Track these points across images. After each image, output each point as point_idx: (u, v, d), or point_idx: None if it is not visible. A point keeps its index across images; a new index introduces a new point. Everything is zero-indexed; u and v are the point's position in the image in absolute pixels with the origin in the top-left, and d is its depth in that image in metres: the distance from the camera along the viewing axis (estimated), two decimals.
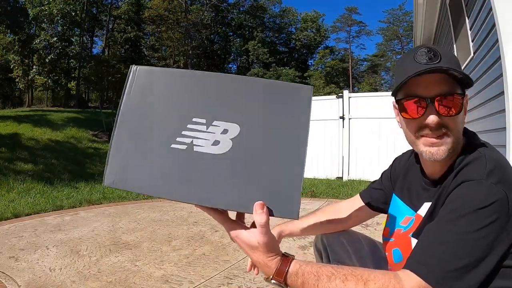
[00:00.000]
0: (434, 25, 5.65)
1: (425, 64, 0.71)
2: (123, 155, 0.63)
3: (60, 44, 22.67)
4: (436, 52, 0.72)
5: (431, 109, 0.71)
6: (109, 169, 0.63)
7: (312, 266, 0.64)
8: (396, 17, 38.83)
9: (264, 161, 0.58)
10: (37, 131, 10.28)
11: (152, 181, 0.61)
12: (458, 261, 0.60)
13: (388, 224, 0.93)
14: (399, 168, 0.97)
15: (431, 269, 0.61)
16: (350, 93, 6.98)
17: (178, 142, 0.61)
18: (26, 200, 4.62)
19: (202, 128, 0.60)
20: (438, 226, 0.66)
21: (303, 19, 39.83)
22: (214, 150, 0.59)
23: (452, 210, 0.65)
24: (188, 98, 0.61)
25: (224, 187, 0.59)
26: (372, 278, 0.61)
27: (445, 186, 0.72)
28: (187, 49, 30.00)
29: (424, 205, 0.80)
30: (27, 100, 24.93)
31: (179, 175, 0.60)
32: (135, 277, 2.16)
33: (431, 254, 0.63)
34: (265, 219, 0.61)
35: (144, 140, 0.62)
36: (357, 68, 42.88)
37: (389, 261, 0.89)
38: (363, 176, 6.49)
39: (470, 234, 0.61)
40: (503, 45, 2.04)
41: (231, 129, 0.59)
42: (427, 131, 0.73)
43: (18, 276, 2.18)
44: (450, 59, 0.72)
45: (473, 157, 0.71)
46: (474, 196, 0.64)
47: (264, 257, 0.64)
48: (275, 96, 0.59)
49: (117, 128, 0.64)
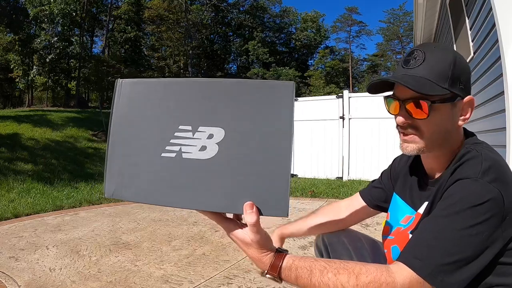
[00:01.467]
0: (434, 25, 5.65)
1: (402, 67, 0.78)
2: (118, 169, 0.66)
3: (60, 44, 22.68)
4: (420, 56, 0.76)
5: (402, 110, 0.77)
6: (107, 183, 0.66)
7: (305, 261, 0.66)
8: (397, 17, 38.84)
9: (251, 162, 0.59)
10: (37, 131, 10.28)
11: (148, 190, 0.65)
12: (451, 256, 0.62)
13: (388, 223, 0.94)
14: (399, 168, 0.98)
15: (423, 262, 0.62)
16: (350, 93, 6.98)
17: (167, 151, 0.63)
18: (26, 200, 4.62)
19: (189, 135, 0.62)
20: (432, 221, 0.67)
21: (303, 19, 39.84)
22: (202, 156, 0.61)
23: (447, 206, 0.66)
24: (174, 106, 0.63)
25: (214, 191, 0.61)
26: (364, 271, 0.63)
27: (442, 183, 0.74)
28: (187, 49, 30.00)
29: (425, 204, 0.81)
30: (27, 100, 24.94)
31: (171, 183, 0.63)
32: (135, 277, 2.16)
33: (424, 248, 0.64)
34: (255, 218, 0.63)
35: (136, 152, 0.65)
36: (357, 68, 42.88)
37: (387, 258, 0.90)
38: (363, 176, 6.49)
39: (464, 230, 0.62)
40: (503, 45, 2.04)
41: (216, 133, 0.60)
42: (400, 129, 0.80)
43: (18, 276, 2.18)
44: (433, 65, 0.75)
45: (470, 156, 0.72)
46: (469, 193, 0.65)
47: (258, 253, 0.67)
48: (257, 95, 0.59)
49: (110, 143, 0.67)
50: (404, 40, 38.37)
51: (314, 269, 0.65)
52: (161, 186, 0.63)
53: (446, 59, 0.75)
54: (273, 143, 0.58)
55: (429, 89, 0.72)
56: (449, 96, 0.75)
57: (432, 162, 0.82)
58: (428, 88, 0.73)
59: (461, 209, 0.64)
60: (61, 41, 22.78)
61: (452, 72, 0.74)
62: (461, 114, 0.78)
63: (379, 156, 6.35)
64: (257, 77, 33.49)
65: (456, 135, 0.80)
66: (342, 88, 30.22)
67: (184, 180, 0.62)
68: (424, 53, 0.76)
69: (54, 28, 23.09)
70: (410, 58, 0.77)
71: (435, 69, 0.74)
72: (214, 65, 36.73)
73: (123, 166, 0.66)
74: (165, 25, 30.22)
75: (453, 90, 0.75)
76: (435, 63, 0.75)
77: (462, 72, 0.76)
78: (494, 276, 0.67)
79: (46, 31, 22.88)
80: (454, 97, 0.75)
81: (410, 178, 0.91)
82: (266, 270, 0.67)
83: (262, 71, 33.69)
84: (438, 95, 0.73)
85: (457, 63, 0.75)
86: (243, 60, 39.19)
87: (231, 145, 0.59)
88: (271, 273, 0.67)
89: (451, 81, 0.74)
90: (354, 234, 1.10)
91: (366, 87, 0.85)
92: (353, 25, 42.23)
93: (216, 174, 0.60)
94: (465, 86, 0.77)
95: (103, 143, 10.71)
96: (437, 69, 0.74)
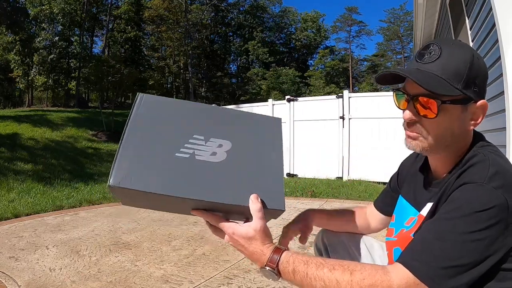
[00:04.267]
0: (434, 25, 5.65)
1: (415, 61, 0.75)
2: (130, 159, 0.69)
3: (60, 44, 22.67)
4: (436, 51, 0.72)
5: (410, 106, 0.74)
6: (116, 170, 0.67)
7: (303, 255, 0.70)
8: (397, 16, 38.81)
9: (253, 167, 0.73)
10: (37, 131, 10.29)
11: (158, 181, 0.68)
12: (451, 260, 0.61)
13: (392, 225, 0.93)
14: (405, 170, 0.97)
15: (422, 264, 0.62)
16: (350, 93, 6.98)
17: (181, 152, 0.71)
18: (26, 200, 4.62)
19: (201, 143, 0.72)
20: (434, 224, 0.66)
21: (303, 19, 39.83)
22: (213, 159, 0.71)
23: (450, 210, 0.65)
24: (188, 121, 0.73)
25: (223, 186, 0.70)
26: (359, 268, 0.64)
27: (447, 186, 0.72)
28: (187, 49, 29.99)
29: (427, 205, 0.80)
30: (27, 100, 24.91)
31: (183, 176, 0.69)
32: (135, 277, 2.16)
33: (425, 250, 0.63)
34: (260, 205, 0.71)
35: (150, 149, 0.70)
36: (357, 68, 42.88)
37: (389, 259, 0.90)
38: (363, 176, 6.48)
39: (467, 235, 0.61)
40: (503, 45, 2.04)
41: (225, 144, 0.72)
42: (406, 125, 0.77)
43: (18, 276, 2.18)
44: (449, 62, 0.70)
45: (477, 160, 0.70)
46: (474, 198, 0.63)
47: (261, 245, 0.71)
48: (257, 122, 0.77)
49: (125, 137, 0.71)
50: (404, 40, 38.37)
51: (310, 263, 0.67)
52: (173, 177, 0.68)
53: (463, 57, 0.71)
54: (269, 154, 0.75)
55: (441, 89, 0.69)
56: (461, 98, 0.71)
57: (437, 163, 0.80)
58: (440, 87, 0.69)
59: (464, 213, 0.62)
60: (61, 41, 22.77)
61: (468, 72, 0.70)
62: (471, 118, 0.74)
63: (379, 156, 6.34)
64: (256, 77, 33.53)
65: (464, 138, 0.76)
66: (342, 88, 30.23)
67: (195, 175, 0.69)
68: (440, 48, 0.72)
69: (54, 27, 23.09)
70: (425, 52, 0.73)
71: (450, 67, 0.70)
72: (214, 65, 36.71)
73: (134, 158, 0.69)
74: (165, 25, 30.20)
75: (467, 92, 0.70)
76: (450, 60, 0.70)
77: (478, 74, 0.72)
78: (495, 282, 0.65)
79: (46, 31, 22.88)
80: (467, 100, 0.71)
81: (415, 179, 0.90)
82: (265, 262, 0.69)
83: (262, 71, 33.69)
84: (450, 95, 0.69)
85: (474, 63, 0.71)
86: (243, 60, 39.18)
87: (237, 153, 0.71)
88: (270, 265, 0.69)
89: (466, 83, 0.70)
90: (354, 235, 1.09)
91: (375, 77, 0.80)
92: (353, 25, 42.22)
93: (225, 174, 0.70)
94: (479, 89, 0.73)
95: (103, 143, 10.71)
96: (452, 67, 0.70)
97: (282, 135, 0.78)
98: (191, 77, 30.45)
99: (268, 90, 31.19)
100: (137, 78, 17.91)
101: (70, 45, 23.64)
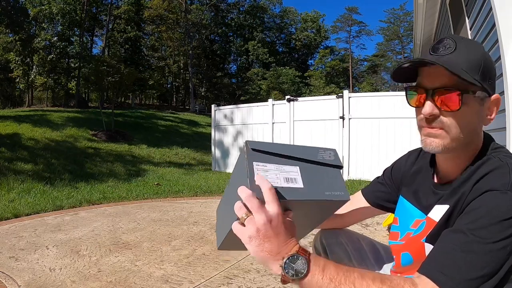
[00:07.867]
0: (434, 25, 5.65)
1: (431, 54, 0.72)
2: None
3: (60, 44, 22.67)
4: (450, 44, 0.71)
5: (429, 100, 0.71)
6: None
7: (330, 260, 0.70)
8: (397, 16, 38.85)
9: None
10: (37, 131, 10.29)
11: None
12: (476, 271, 0.60)
13: (396, 228, 0.90)
14: (404, 168, 0.95)
15: (448, 277, 0.60)
16: (350, 93, 6.97)
17: None
18: (26, 200, 4.62)
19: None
20: (458, 234, 0.64)
21: (303, 19, 39.87)
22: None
23: (474, 220, 0.63)
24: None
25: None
26: (388, 277, 0.62)
27: (464, 192, 0.70)
28: (187, 49, 30.00)
29: (435, 208, 0.77)
30: (27, 100, 24.94)
31: None
32: (135, 277, 2.16)
33: (449, 262, 0.62)
34: None
35: None
36: (357, 68, 42.89)
37: (396, 263, 0.88)
38: (363, 176, 6.48)
39: (492, 245, 0.60)
40: (503, 45, 2.04)
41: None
42: (425, 122, 0.73)
43: (18, 276, 2.18)
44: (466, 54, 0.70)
45: (495, 165, 0.68)
46: (498, 207, 0.62)
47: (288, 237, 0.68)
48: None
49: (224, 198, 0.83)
50: (404, 40, 38.38)
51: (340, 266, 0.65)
52: None
53: (478, 50, 0.71)
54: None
55: (467, 76, 0.67)
56: (480, 89, 0.70)
57: (450, 163, 0.77)
58: (465, 75, 0.67)
59: (489, 223, 0.61)
60: (61, 41, 22.78)
61: (484, 64, 0.70)
62: (486, 114, 0.73)
63: (379, 156, 6.34)
64: (256, 77, 33.52)
65: (478, 135, 0.75)
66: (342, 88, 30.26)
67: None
68: (455, 42, 0.71)
69: (54, 27, 23.09)
70: (440, 46, 0.71)
71: (468, 58, 0.69)
72: (214, 65, 36.73)
73: None
74: (165, 25, 30.22)
75: (484, 85, 0.70)
76: (467, 53, 0.70)
77: (491, 68, 0.72)
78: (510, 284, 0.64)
79: (46, 31, 22.89)
80: (485, 92, 0.71)
81: (418, 179, 0.87)
82: (298, 249, 0.65)
83: (262, 71, 33.68)
84: (474, 84, 0.68)
85: (487, 56, 0.72)
86: (243, 60, 39.20)
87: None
88: (302, 252, 0.65)
89: (483, 75, 0.69)
90: (353, 235, 1.08)
91: (392, 72, 0.77)
92: (353, 25, 42.26)
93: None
94: (492, 83, 0.72)
95: (103, 143, 10.71)
96: (470, 58, 0.69)
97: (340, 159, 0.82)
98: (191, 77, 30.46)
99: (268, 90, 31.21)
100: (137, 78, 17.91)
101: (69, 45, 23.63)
